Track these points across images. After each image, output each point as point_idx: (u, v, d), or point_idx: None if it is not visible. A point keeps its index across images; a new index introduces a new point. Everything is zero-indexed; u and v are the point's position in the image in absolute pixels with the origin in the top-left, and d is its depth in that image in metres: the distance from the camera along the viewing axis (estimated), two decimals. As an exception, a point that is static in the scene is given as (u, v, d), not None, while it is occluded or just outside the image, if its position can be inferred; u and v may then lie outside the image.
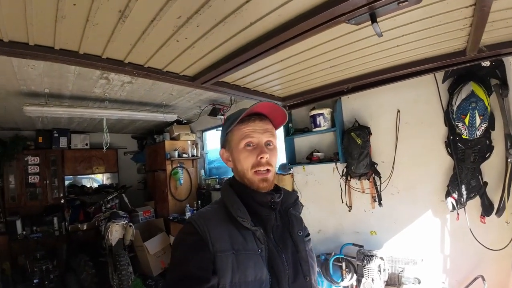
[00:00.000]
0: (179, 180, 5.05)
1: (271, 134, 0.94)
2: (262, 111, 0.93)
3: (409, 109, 2.82)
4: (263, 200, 0.92)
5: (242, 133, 0.91)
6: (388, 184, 2.94)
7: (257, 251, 0.84)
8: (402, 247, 2.84)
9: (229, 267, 0.80)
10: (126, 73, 1.72)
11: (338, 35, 1.61)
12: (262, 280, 0.82)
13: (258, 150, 0.90)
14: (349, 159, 3.02)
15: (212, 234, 0.82)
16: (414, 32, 1.68)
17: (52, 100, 3.56)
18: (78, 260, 4.37)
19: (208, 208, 0.97)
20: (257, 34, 1.43)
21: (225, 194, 0.94)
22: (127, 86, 3.40)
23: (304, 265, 0.91)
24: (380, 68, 2.31)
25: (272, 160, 0.92)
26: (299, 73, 2.20)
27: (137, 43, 1.42)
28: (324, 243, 3.51)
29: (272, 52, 1.53)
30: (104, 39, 1.38)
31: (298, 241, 0.93)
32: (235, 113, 0.97)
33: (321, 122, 3.19)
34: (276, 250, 0.88)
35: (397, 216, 2.91)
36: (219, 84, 2.09)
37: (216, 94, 3.93)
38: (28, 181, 5.15)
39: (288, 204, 0.99)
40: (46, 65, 2.59)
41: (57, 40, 1.38)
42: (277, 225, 0.93)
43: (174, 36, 1.38)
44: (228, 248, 0.82)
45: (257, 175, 0.90)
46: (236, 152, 0.93)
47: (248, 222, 0.85)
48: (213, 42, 1.48)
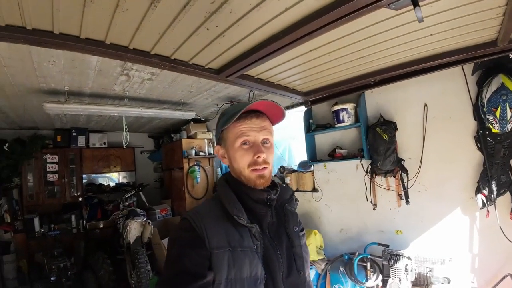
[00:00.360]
0: (196, 179, 5.02)
1: (268, 131, 0.91)
2: (259, 108, 0.90)
3: (436, 103, 2.72)
4: (260, 197, 0.90)
5: (238, 131, 0.88)
6: (415, 181, 2.84)
7: (252, 247, 0.84)
8: (429, 246, 2.76)
9: (225, 263, 0.79)
10: (152, 65, 1.68)
11: (370, 23, 1.54)
12: (257, 276, 0.82)
13: (254, 149, 0.88)
14: (375, 155, 2.92)
15: (209, 231, 0.82)
16: (448, 20, 1.61)
17: (71, 98, 3.55)
18: (96, 258, 4.36)
19: (205, 204, 0.96)
20: (290, 21, 1.37)
21: (221, 190, 0.93)
22: (146, 83, 3.37)
23: (298, 260, 0.91)
24: (409, 60, 2.23)
25: (268, 158, 0.90)
26: (324, 66, 2.13)
27: (166, 31, 1.38)
28: (347, 242, 3.42)
29: (304, 40, 1.46)
30: (132, 27, 1.34)
31: (293, 237, 0.93)
32: (230, 109, 0.94)
33: (344, 117, 3.09)
34: (271, 246, 0.88)
35: (424, 214, 2.81)
36: (243, 77, 2.03)
37: (234, 91, 3.90)
38: (46, 179, 5.18)
39: (284, 199, 0.98)
40: (67, 61, 2.55)
41: (83, 28, 1.34)
42: (273, 222, 0.93)
43: (205, 24, 1.33)
44: (225, 245, 0.81)
45: (254, 172, 0.88)
46: (232, 150, 0.91)
47: (244, 220, 0.84)
48: (244, 30, 1.42)
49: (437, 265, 2.55)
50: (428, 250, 2.71)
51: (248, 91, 3.95)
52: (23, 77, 2.86)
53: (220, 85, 3.60)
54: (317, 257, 3.23)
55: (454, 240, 2.59)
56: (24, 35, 1.33)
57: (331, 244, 3.53)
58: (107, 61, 2.64)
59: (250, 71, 2.02)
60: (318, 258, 3.24)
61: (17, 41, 1.37)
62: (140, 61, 1.64)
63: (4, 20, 1.28)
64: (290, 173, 3.92)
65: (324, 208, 3.65)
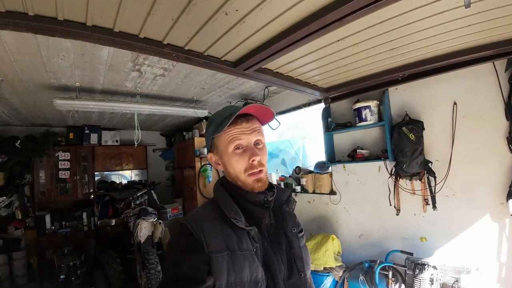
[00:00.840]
0: (208, 178, 4.91)
1: (259, 132, 0.90)
2: (248, 111, 0.89)
3: (466, 101, 2.53)
4: (257, 199, 0.90)
5: (229, 136, 0.88)
6: (443, 185, 2.64)
7: (252, 250, 0.83)
8: (455, 254, 2.58)
9: (224, 267, 0.79)
10: (164, 56, 1.54)
11: (407, 9, 1.36)
12: (258, 279, 0.81)
13: (248, 153, 0.87)
14: (400, 156, 2.72)
15: (207, 235, 0.81)
16: (488, 10, 1.44)
17: (82, 95, 3.49)
18: (106, 257, 4.31)
19: (202, 208, 0.95)
20: (321, 4, 1.20)
21: (218, 194, 0.92)
22: (159, 80, 3.27)
23: (299, 262, 0.90)
24: (441, 53, 2.07)
25: (263, 160, 0.90)
26: (350, 58, 1.96)
27: (181, 16, 1.24)
28: (366, 248, 3.24)
29: (333, 27, 1.30)
30: (143, 11, 1.21)
31: (292, 238, 0.92)
32: (217, 115, 0.92)
33: (367, 115, 2.89)
34: (271, 248, 0.87)
35: (451, 221, 2.63)
36: (261, 71, 1.88)
37: (248, 88, 3.76)
38: (58, 177, 5.18)
39: (281, 201, 0.97)
40: (77, 55, 2.49)
41: (89, 13, 1.22)
42: (271, 223, 0.92)
43: (224, 7, 1.18)
44: (223, 249, 0.81)
45: (251, 176, 0.88)
46: (225, 156, 0.90)
47: (242, 223, 0.84)
48: (267, 15, 1.27)
49: (462, 274, 2.39)
50: (454, 259, 2.54)
51: (263, 88, 3.81)
52: (33, 72, 2.80)
53: (234, 82, 3.47)
54: (335, 263, 3.05)
55: (481, 248, 2.43)
56: (26, 22, 1.23)
57: (349, 250, 3.35)
58: (118, 56, 2.57)
59: (269, 65, 1.87)
60: (336, 264, 3.06)
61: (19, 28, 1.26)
62: (151, 52, 1.50)
63: (5, 5, 1.18)
64: (306, 174, 3.75)
65: (342, 212, 3.47)
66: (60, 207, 5.26)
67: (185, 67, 2.93)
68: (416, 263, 2.53)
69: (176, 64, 2.81)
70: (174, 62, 2.77)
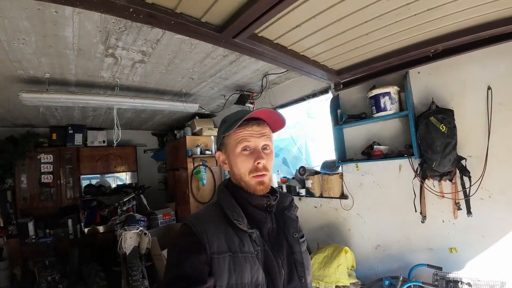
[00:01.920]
0: (201, 180, 4.47)
1: (267, 137, 0.92)
2: (260, 116, 0.92)
3: (503, 86, 2.14)
4: (259, 202, 0.91)
5: (239, 137, 0.90)
6: (478, 187, 2.21)
7: (253, 253, 0.83)
8: (490, 266, 2.21)
9: (225, 269, 0.79)
10: (118, 13, 1.10)
11: None
12: (259, 282, 0.81)
13: (255, 155, 0.89)
14: (429, 152, 2.24)
15: (209, 236, 0.82)
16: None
17: (55, 88, 3.10)
18: (89, 270, 3.89)
19: (205, 209, 0.96)
20: None
21: (222, 196, 0.94)
22: (139, 68, 2.85)
23: (299, 267, 0.90)
24: (479, 23, 1.59)
25: (268, 165, 0.91)
26: (370, 25, 1.49)
27: None
28: (384, 261, 2.79)
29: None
30: None
31: (293, 243, 0.92)
32: (231, 116, 0.95)
33: (386, 104, 2.41)
34: (272, 252, 0.87)
35: (486, 228, 2.24)
36: (257, 39, 1.41)
37: (244, 77, 3.34)
38: (41, 181, 4.83)
39: (283, 206, 0.98)
40: (39, 37, 2.17)
41: None
42: (273, 227, 0.93)
43: None
44: (225, 250, 0.81)
45: (254, 178, 0.89)
46: (232, 156, 0.92)
47: (244, 225, 0.85)
48: None
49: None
50: (489, 271, 2.18)
51: (261, 78, 3.35)
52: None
53: (227, 69, 3.04)
54: (349, 280, 2.58)
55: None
56: None
57: (364, 264, 2.88)
58: (85, 37, 2.24)
59: (266, 32, 1.40)
60: (350, 282, 2.59)
61: None
62: (98, 5, 1.04)
63: None
64: (311, 175, 3.27)
65: (355, 219, 2.99)
66: (44, 213, 4.94)
67: (167, 50, 2.53)
68: (447, 281, 2.18)
69: (156, 45, 2.44)
70: (153, 43, 2.41)
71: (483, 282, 2.13)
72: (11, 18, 1.88)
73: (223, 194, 0.94)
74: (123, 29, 2.13)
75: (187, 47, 2.48)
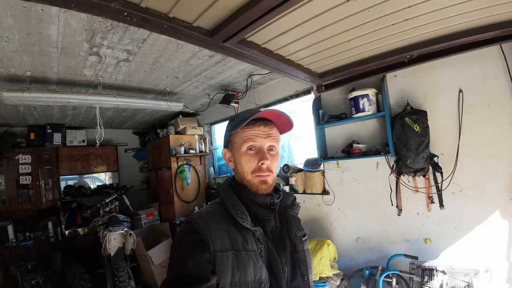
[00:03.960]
0: (185, 179, 4.48)
1: (274, 139, 0.92)
2: (268, 116, 0.92)
3: (473, 88, 2.30)
4: (263, 201, 0.91)
5: (245, 136, 0.90)
6: (450, 182, 2.38)
7: (256, 251, 0.84)
8: (463, 256, 2.39)
9: (229, 267, 0.80)
10: (112, 16, 1.13)
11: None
12: (262, 280, 0.82)
13: (260, 155, 0.89)
14: (404, 150, 2.40)
15: (213, 234, 0.82)
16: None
17: (36, 86, 3.04)
18: (73, 273, 3.82)
19: (208, 208, 0.96)
20: None
21: (225, 194, 0.94)
22: (123, 66, 2.82)
23: (302, 265, 0.91)
24: (448, 32, 1.76)
25: (272, 166, 0.91)
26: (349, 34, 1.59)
27: None
28: (365, 253, 2.94)
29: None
30: None
31: (296, 241, 0.93)
32: (240, 114, 0.96)
33: (365, 105, 2.55)
34: (275, 250, 0.88)
35: (458, 220, 2.41)
36: (246, 44, 1.48)
37: (229, 77, 3.38)
38: (19, 182, 4.68)
39: (286, 205, 0.99)
40: (22, 35, 2.13)
41: None
42: (276, 226, 0.93)
43: None
44: (228, 248, 0.82)
45: (257, 177, 0.89)
46: (238, 154, 0.92)
47: (248, 223, 0.85)
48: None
49: (471, 277, 2.22)
50: (462, 260, 2.34)
51: (246, 78, 3.42)
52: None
53: (213, 69, 3.07)
54: (331, 272, 2.71)
55: (491, 247, 2.27)
56: None
57: (346, 255, 3.03)
58: (70, 35, 2.21)
59: (255, 37, 1.47)
60: (333, 273, 2.72)
61: None
62: (93, 8, 1.07)
63: None
64: (295, 172, 3.39)
65: (336, 214, 3.13)
66: (23, 216, 4.77)
67: (153, 50, 2.53)
68: (423, 269, 2.30)
69: (142, 45, 2.43)
70: (139, 43, 2.40)
71: (457, 270, 2.27)
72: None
73: (227, 192, 0.94)
74: (109, 28, 2.11)
75: (173, 46, 2.49)
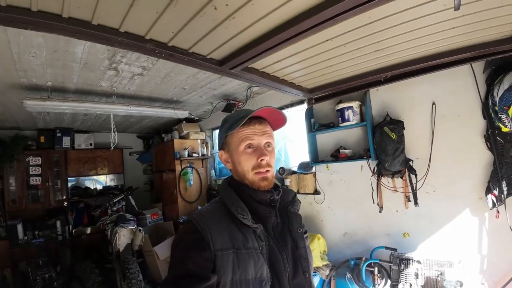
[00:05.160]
0: (188, 181, 4.80)
1: (269, 135, 0.94)
2: (261, 114, 0.93)
3: (444, 101, 2.62)
4: (263, 198, 0.92)
5: (242, 135, 0.92)
6: (424, 182, 2.72)
7: (257, 248, 0.85)
8: (438, 248, 2.66)
9: (229, 265, 0.80)
10: (146, 52, 1.46)
11: (393, 12, 1.39)
12: (263, 278, 0.82)
13: (258, 152, 0.91)
14: (382, 155, 2.77)
15: (213, 233, 0.82)
16: (473, 13, 1.50)
17: (54, 95, 3.29)
18: (83, 267, 4.08)
19: (208, 207, 0.97)
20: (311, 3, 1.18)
21: (224, 193, 0.94)
22: (137, 79, 3.14)
23: (303, 262, 0.92)
24: (423, 55, 2.12)
25: (271, 161, 0.93)
26: (336, 59, 1.96)
27: (167, 9, 1.17)
28: (351, 246, 3.28)
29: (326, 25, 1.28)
30: (125, 3, 1.12)
31: (297, 238, 0.94)
32: (233, 115, 0.97)
33: (349, 116, 2.93)
34: (276, 248, 0.88)
35: (432, 216, 2.72)
36: (248, 70, 1.84)
37: (230, 88, 3.72)
38: (29, 183, 4.92)
39: (286, 201, 1.00)
40: (49, 52, 2.35)
41: (66, 5, 1.12)
42: (277, 223, 0.94)
43: (214, 1, 1.12)
44: (229, 247, 0.82)
45: (258, 175, 0.91)
46: (236, 154, 0.93)
47: (248, 220, 0.86)
48: (259, 11, 1.23)
49: (445, 267, 2.49)
50: (437, 253, 2.63)
51: (246, 89, 3.77)
52: (1, 70, 2.63)
53: (217, 82, 3.41)
54: (321, 262, 3.06)
55: (463, 241, 2.52)
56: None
57: (335, 249, 3.38)
58: (94, 53, 2.47)
59: (255, 64, 1.83)
60: (322, 263, 3.07)
61: None
62: (132, 47, 1.41)
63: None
64: (290, 174, 3.75)
65: (326, 211, 3.49)
66: (32, 215, 5.00)
67: (165, 66, 2.84)
68: (401, 259, 2.60)
69: (156, 62, 2.73)
70: (154, 61, 2.70)
71: (432, 261, 2.56)
72: (27, 35, 2.03)
73: (226, 191, 0.94)
74: (130, 49, 2.45)
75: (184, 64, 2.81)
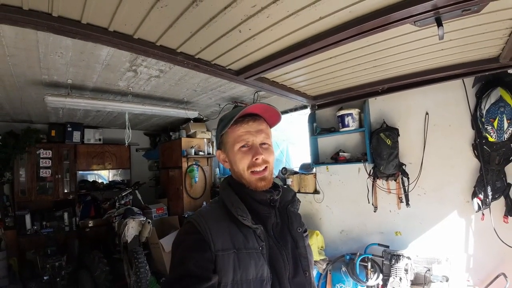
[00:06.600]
0: (194, 178, 5.01)
1: (265, 134, 0.93)
2: (255, 111, 0.93)
3: (437, 112, 2.82)
4: (262, 198, 0.92)
5: (236, 135, 0.91)
6: (415, 185, 2.94)
7: (258, 249, 0.85)
8: (427, 247, 2.85)
9: (230, 266, 0.80)
10: (176, 63, 1.69)
11: (392, 36, 1.61)
12: (264, 278, 0.82)
13: (252, 151, 0.90)
14: (378, 159, 3.00)
15: (213, 233, 0.82)
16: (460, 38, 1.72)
17: (73, 92, 3.44)
18: (92, 257, 4.22)
19: (208, 207, 0.97)
20: (321, 29, 1.42)
21: (224, 193, 0.94)
22: (153, 81, 3.33)
23: (304, 261, 0.92)
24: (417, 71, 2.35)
25: (268, 158, 0.91)
26: (339, 72, 2.21)
27: (199, 31, 1.40)
28: (347, 243, 3.50)
29: (330, 48, 1.52)
30: (165, 23, 1.34)
31: (297, 238, 0.94)
32: (228, 114, 0.95)
33: (349, 122, 3.18)
34: (276, 247, 0.88)
35: (423, 217, 2.91)
36: (260, 79, 2.08)
37: (239, 92, 3.92)
38: (39, 175, 5.05)
39: (286, 201, 0.99)
40: (75, 53, 2.47)
41: (114, 20, 1.30)
42: (277, 222, 0.93)
43: (240, 26, 1.35)
44: (230, 247, 0.82)
45: (254, 175, 0.90)
46: (231, 153, 0.93)
47: (248, 220, 0.86)
48: (275, 34, 1.46)
49: (434, 264, 2.65)
50: (426, 250, 2.81)
51: (253, 92, 4.00)
52: (25, 67, 2.72)
53: (227, 85, 3.62)
54: (319, 257, 3.28)
55: (450, 241, 2.70)
56: (48, 22, 1.24)
57: (331, 245, 3.60)
58: (117, 56, 2.61)
59: (267, 74, 2.06)
60: (320, 258, 3.29)
61: (41, 28, 1.27)
62: (164, 58, 1.65)
63: (28, 3, 1.19)
64: (291, 174, 3.98)
65: (325, 210, 3.72)
66: (40, 206, 5.13)
67: (181, 70, 2.98)
68: (392, 255, 2.78)
69: (174, 66, 2.86)
70: (172, 65, 2.81)
71: (421, 258, 2.73)
72: (56, 37, 2.07)
73: (226, 191, 0.94)
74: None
75: (199, 69, 3.03)
